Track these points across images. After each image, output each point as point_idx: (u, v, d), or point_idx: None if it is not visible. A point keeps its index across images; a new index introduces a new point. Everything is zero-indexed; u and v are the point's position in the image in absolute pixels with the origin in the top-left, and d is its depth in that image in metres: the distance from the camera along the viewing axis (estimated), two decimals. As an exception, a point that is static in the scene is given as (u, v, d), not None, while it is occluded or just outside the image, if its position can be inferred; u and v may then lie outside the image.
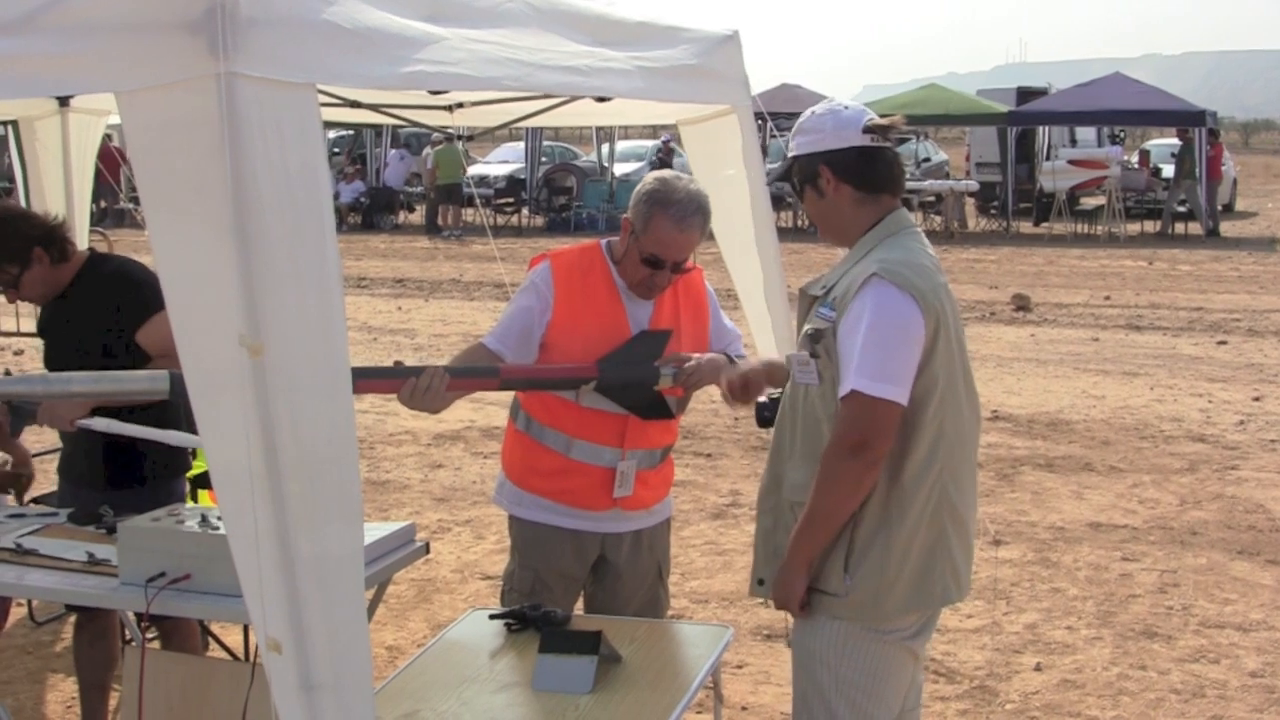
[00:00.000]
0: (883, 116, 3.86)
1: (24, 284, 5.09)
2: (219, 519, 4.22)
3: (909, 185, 24.00)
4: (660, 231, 4.44)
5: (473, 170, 33.35)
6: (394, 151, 34.67)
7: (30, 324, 12.47)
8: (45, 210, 6.03)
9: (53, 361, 5.24)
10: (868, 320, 3.60)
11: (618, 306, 4.58)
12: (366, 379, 4.17)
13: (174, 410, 5.04)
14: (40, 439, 5.42)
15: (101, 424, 4.82)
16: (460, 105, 6.31)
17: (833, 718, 3.85)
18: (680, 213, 4.44)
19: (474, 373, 4.41)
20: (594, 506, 4.65)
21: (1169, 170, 30.49)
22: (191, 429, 5.19)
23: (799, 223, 30.68)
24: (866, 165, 3.81)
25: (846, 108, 3.87)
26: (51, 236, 5.08)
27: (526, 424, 4.70)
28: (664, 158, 31.87)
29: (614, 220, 30.38)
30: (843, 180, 3.81)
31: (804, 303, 3.88)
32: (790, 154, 3.92)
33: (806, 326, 3.81)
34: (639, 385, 4.50)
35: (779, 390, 4.10)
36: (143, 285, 4.97)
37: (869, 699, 3.83)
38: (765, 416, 4.18)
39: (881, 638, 3.81)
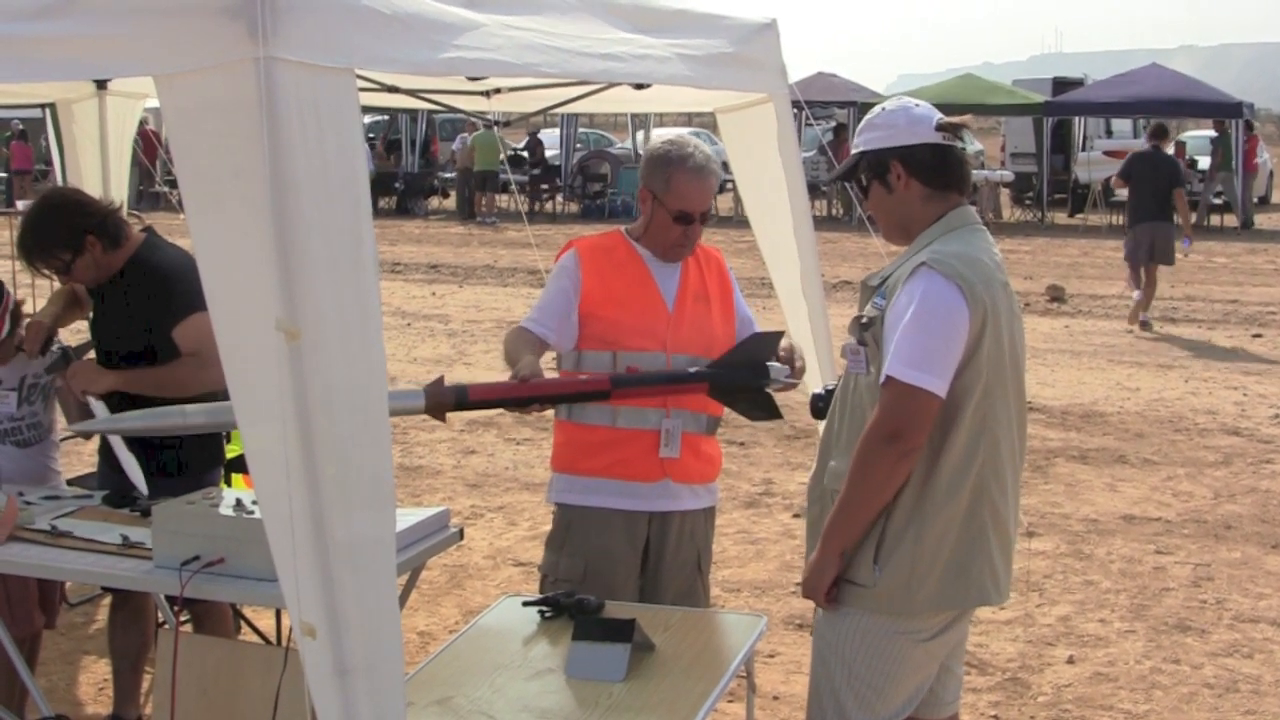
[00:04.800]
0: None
1: (76, 269, 5.12)
2: (253, 503, 4.23)
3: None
4: (682, 185, 4.65)
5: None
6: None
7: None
8: (103, 195, 6.02)
9: (98, 331, 5.32)
10: (912, 309, 3.61)
11: (645, 275, 4.75)
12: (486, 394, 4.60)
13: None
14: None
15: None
16: (498, 90, 6.31)
17: (840, 710, 3.88)
18: (696, 164, 4.67)
19: (584, 396, 4.61)
20: (645, 476, 4.68)
21: (1205, 162, 30.31)
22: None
23: (833, 212, 30.64)
24: (939, 162, 3.83)
25: (917, 105, 3.88)
26: (105, 225, 5.10)
27: (568, 411, 4.74)
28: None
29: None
30: (914, 175, 3.82)
31: (864, 294, 3.90)
32: (858, 149, 3.92)
33: (859, 315, 3.82)
34: (750, 388, 4.67)
35: (834, 382, 4.11)
36: (179, 283, 4.95)
37: (877, 696, 3.84)
38: (819, 407, 4.18)
39: (900, 637, 3.80)
